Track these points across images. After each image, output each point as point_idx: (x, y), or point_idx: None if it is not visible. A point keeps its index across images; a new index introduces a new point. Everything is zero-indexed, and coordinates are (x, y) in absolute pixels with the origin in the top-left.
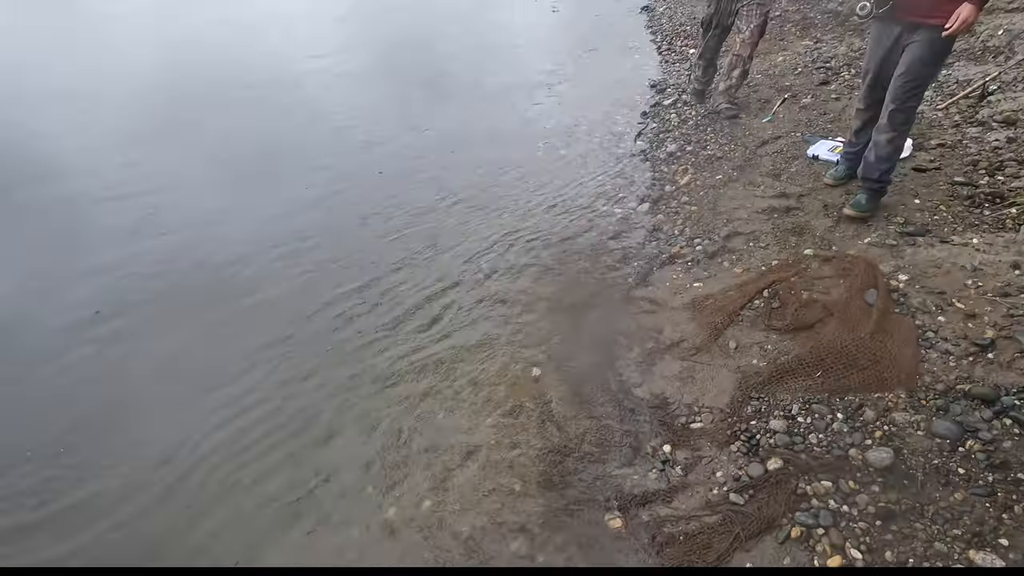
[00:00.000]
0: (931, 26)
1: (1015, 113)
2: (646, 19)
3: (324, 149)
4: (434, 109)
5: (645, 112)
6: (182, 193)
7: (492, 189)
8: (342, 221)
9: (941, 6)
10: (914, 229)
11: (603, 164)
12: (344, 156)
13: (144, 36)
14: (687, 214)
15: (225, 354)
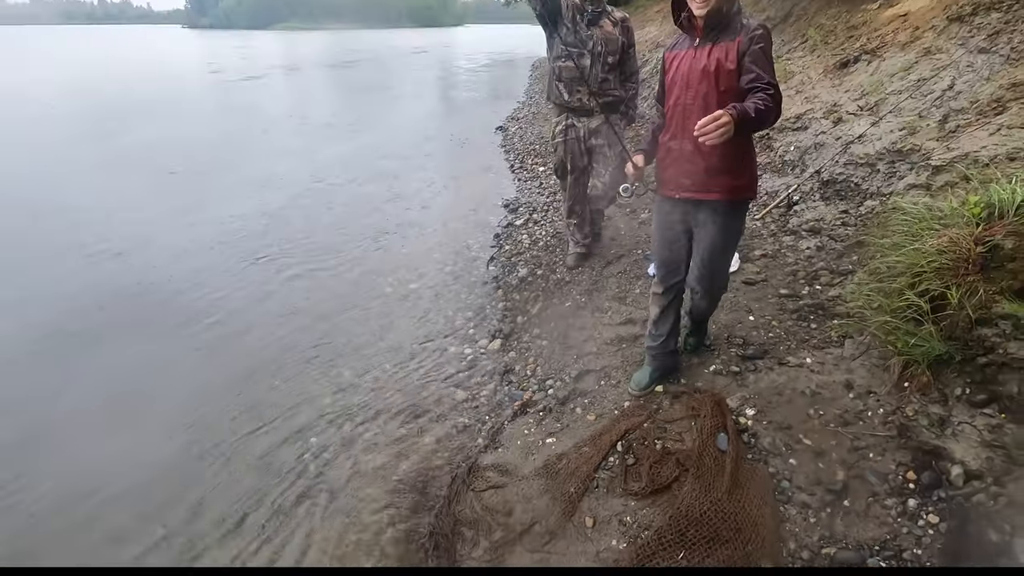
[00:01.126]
0: (712, 201)
1: (818, 222)
2: (500, 139)
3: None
4: (273, 247)
5: (498, 234)
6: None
7: (332, 337)
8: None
9: (717, 178)
10: (754, 351)
11: (455, 296)
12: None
13: None
14: (538, 350)
15: None
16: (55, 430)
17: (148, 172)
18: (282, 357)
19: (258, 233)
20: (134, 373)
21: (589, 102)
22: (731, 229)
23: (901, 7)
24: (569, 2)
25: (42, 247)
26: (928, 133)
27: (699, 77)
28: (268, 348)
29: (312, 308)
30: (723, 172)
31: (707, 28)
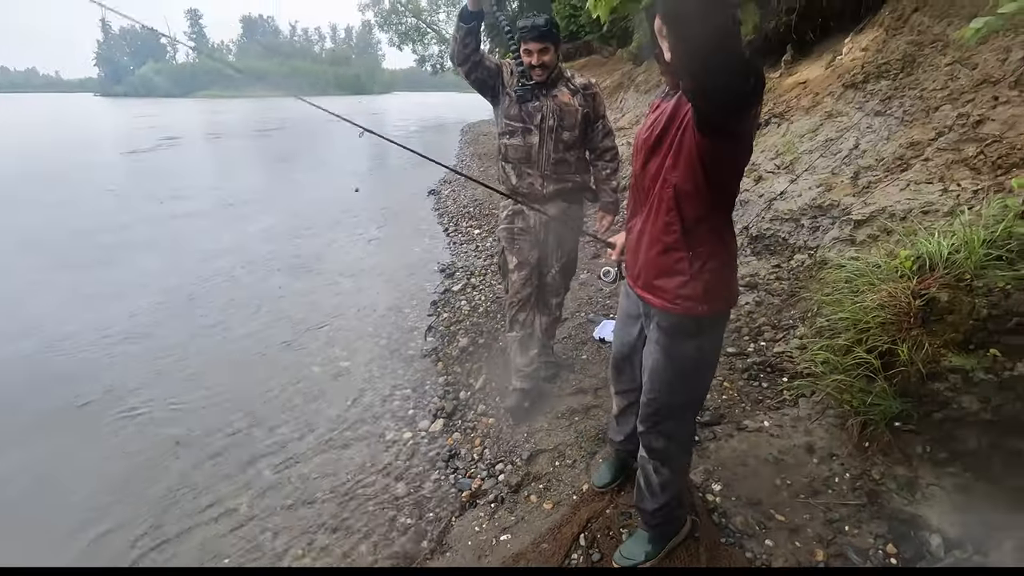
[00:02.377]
0: (659, 309)
1: (753, 277)
2: (433, 202)
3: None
4: (180, 332)
5: (435, 301)
6: None
7: (251, 429)
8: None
9: (661, 279)
10: (710, 416)
11: (391, 372)
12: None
13: None
14: (485, 429)
15: None
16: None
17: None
18: (192, 455)
19: (164, 319)
20: (22, 477)
21: (543, 188)
22: (676, 354)
23: (800, 75)
24: (513, 68)
25: None
26: (844, 189)
27: (657, 137)
28: (176, 445)
29: (228, 398)
30: (666, 272)
31: (671, 80)
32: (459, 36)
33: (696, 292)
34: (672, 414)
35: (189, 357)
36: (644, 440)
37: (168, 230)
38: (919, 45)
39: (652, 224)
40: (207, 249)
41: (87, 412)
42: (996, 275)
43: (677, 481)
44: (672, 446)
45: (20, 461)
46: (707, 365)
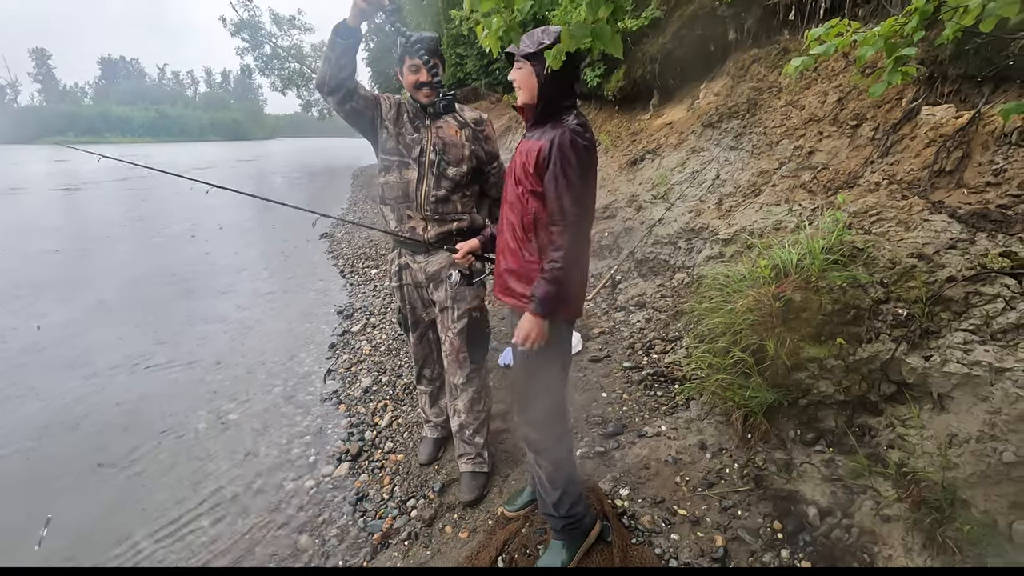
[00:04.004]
0: (511, 307)
1: (641, 297)
2: (327, 245)
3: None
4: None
5: (333, 343)
6: None
7: (124, 499)
8: None
9: (512, 285)
10: (613, 427)
11: (288, 420)
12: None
13: None
14: (394, 467)
15: None
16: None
17: None
18: (58, 532)
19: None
20: None
21: (424, 232)
22: (522, 354)
23: (666, 117)
24: (393, 100)
25: None
26: (711, 213)
27: (511, 171)
28: (47, 519)
29: (97, 465)
30: (519, 280)
31: (530, 121)
32: (333, 56)
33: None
34: (537, 407)
35: (50, 421)
36: (521, 433)
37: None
38: (759, 90)
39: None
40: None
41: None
42: (834, 275)
43: (563, 475)
44: (546, 447)
45: None
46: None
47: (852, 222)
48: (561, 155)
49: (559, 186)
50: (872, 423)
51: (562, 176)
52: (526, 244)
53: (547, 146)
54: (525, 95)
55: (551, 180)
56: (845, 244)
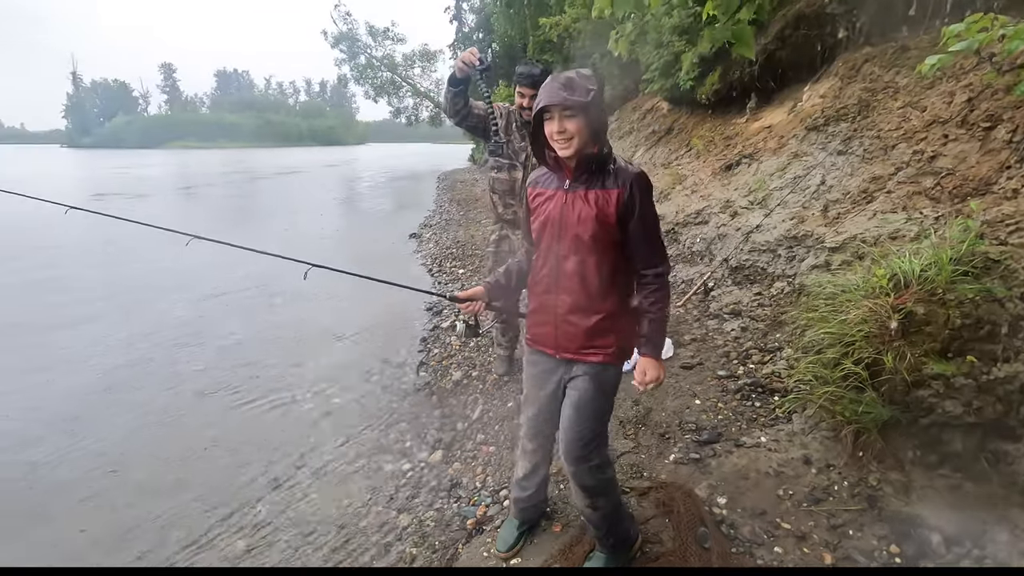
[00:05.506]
0: (588, 362)
1: (736, 305)
2: (415, 245)
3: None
4: (166, 370)
5: (424, 338)
6: None
7: (244, 468)
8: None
9: (594, 341)
10: (708, 435)
11: (385, 407)
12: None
13: None
14: (486, 458)
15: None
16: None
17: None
18: (182, 497)
19: (154, 359)
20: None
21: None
22: (604, 390)
23: (765, 120)
24: (502, 110)
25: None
26: (815, 221)
27: (573, 226)
28: (165, 489)
29: (219, 437)
30: (605, 333)
31: (577, 171)
32: (449, 97)
33: (627, 345)
34: (586, 443)
35: (178, 398)
36: (576, 481)
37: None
38: (872, 91)
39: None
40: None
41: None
42: (965, 288)
43: (617, 502)
44: (602, 485)
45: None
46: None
47: (985, 232)
48: (647, 198)
49: (651, 228)
50: (1008, 449)
51: (651, 218)
52: (609, 296)
53: (625, 192)
54: (579, 144)
55: (641, 224)
56: (977, 255)
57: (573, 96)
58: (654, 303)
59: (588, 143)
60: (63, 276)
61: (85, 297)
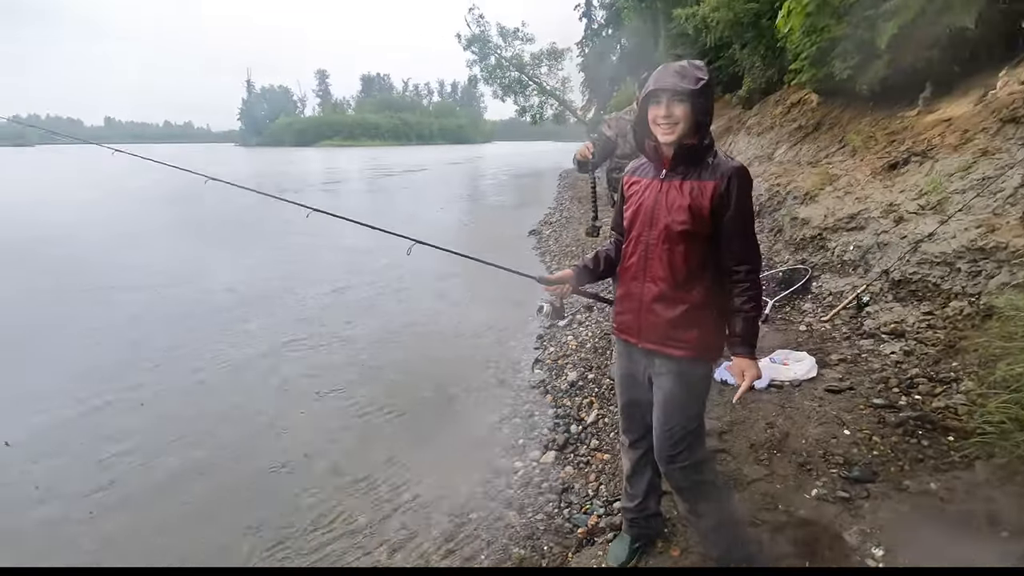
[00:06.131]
0: (670, 356)
1: (899, 324)
2: (534, 241)
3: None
4: (304, 344)
5: (541, 335)
6: None
7: (367, 447)
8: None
9: (676, 332)
10: (860, 472)
11: (499, 401)
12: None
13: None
14: (599, 465)
15: None
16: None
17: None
18: (310, 471)
19: (291, 344)
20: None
21: None
22: (689, 387)
23: (943, 112)
24: (611, 122)
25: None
26: (1011, 231)
27: (665, 216)
28: (296, 460)
29: (346, 418)
30: (688, 326)
31: (675, 160)
32: (585, 173)
33: (710, 341)
34: (678, 441)
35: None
36: (671, 480)
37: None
38: None
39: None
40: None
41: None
42: None
43: (729, 517)
44: (698, 482)
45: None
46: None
47: None
48: (744, 193)
49: (746, 224)
50: None
51: (747, 214)
52: (695, 288)
53: (722, 184)
54: (682, 131)
55: (735, 219)
56: None
57: (682, 82)
58: (747, 301)
59: (690, 132)
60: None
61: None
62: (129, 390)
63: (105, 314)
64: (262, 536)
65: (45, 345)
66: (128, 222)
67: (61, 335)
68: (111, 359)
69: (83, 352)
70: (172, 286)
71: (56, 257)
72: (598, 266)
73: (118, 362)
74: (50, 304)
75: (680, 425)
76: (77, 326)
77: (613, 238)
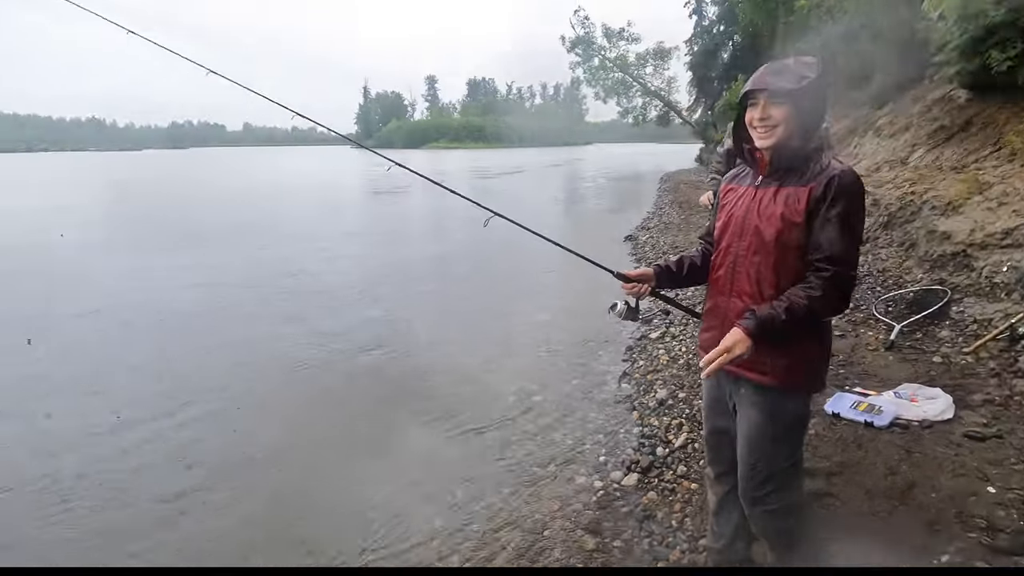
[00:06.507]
0: (756, 384)
1: None
2: (630, 247)
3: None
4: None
5: (630, 347)
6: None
7: (448, 444)
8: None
9: (763, 356)
10: (1009, 542)
11: (583, 414)
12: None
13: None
14: (686, 494)
15: None
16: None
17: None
18: (384, 467)
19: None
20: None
21: None
22: (778, 420)
23: None
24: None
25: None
26: None
27: (755, 226)
28: (379, 458)
29: (431, 407)
30: (777, 349)
31: (772, 165)
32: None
33: (800, 367)
34: (765, 480)
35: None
36: (755, 522)
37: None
38: None
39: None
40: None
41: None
42: None
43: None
44: (783, 529)
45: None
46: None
47: None
48: (845, 197)
49: (843, 223)
50: None
51: (844, 219)
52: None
53: (819, 188)
54: (782, 135)
55: (824, 222)
56: None
57: (780, 81)
58: (806, 293)
59: (793, 136)
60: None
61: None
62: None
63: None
64: (344, 537)
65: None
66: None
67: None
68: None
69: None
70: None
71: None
72: (681, 270)
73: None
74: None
75: (766, 463)
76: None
77: (701, 246)
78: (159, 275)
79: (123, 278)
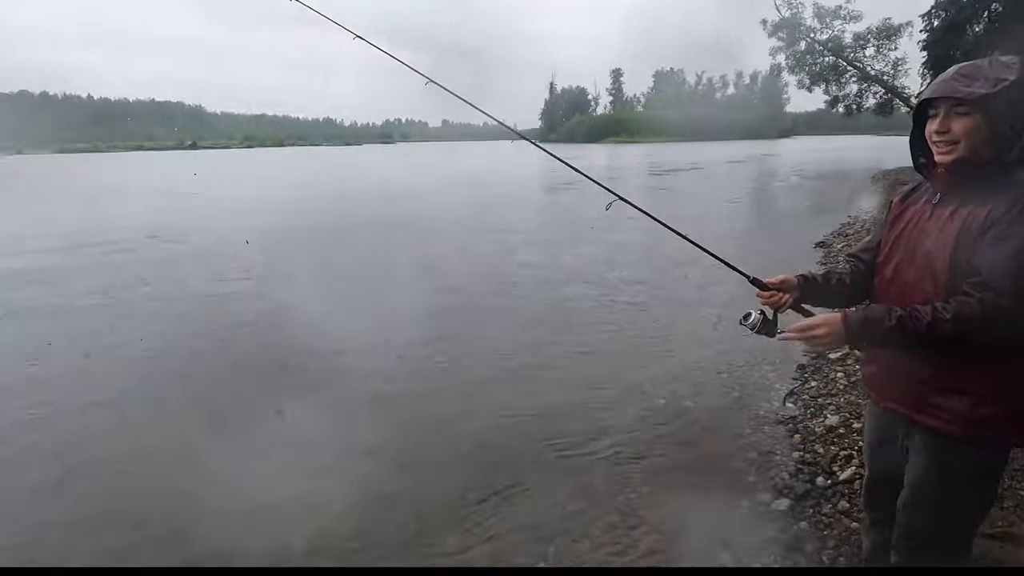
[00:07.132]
0: (929, 428)
1: None
2: (820, 256)
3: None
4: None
5: (803, 365)
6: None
7: (596, 438)
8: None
9: (935, 397)
10: None
11: (736, 428)
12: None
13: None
14: (844, 532)
15: None
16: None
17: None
18: (543, 449)
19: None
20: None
21: None
22: (956, 476)
23: None
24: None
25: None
26: None
27: (927, 248)
28: (522, 445)
29: (580, 402)
30: (952, 388)
31: (953, 182)
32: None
33: (987, 413)
34: (927, 542)
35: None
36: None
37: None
38: None
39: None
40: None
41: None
42: None
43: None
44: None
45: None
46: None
47: None
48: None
49: (1005, 250)
50: None
51: (1018, 241)
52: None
53: (1000, 207)
54: (965, 150)
55: (993, 241)
56: None
57: (968, 87)
58: (937, 312)
59: (982, 148)
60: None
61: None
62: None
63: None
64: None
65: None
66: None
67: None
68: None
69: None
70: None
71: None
72: (828, 284)
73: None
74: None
75: (924, 521)
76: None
77: (851, 263)
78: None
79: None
